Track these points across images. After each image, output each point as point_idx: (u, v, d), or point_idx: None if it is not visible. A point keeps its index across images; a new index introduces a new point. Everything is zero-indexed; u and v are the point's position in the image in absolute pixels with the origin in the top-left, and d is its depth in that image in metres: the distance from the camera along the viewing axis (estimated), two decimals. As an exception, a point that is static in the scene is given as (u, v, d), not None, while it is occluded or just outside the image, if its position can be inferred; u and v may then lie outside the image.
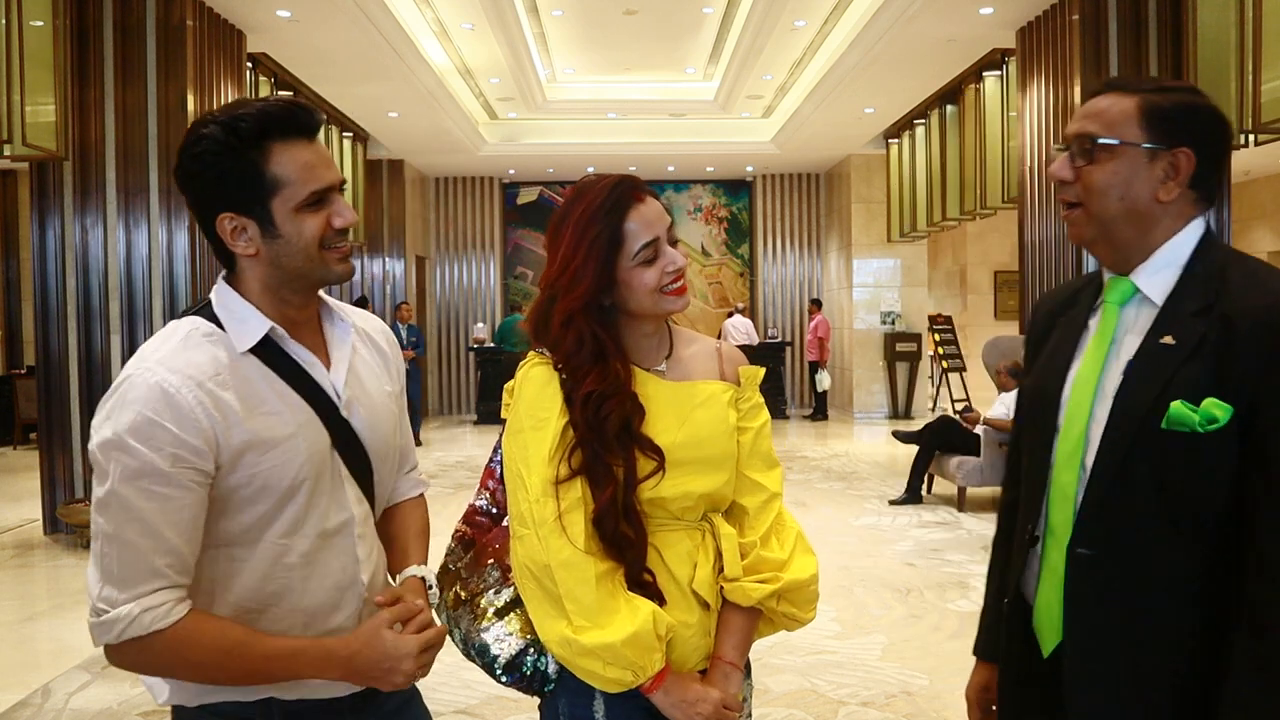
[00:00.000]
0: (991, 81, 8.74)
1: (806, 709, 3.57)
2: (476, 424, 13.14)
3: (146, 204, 6.39)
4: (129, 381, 1.26)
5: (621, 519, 1.43)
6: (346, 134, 10.87)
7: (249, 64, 7.77)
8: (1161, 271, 1.36)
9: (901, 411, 13.20)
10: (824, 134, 11.86)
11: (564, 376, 1.47)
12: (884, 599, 4.97)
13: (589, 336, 1.46)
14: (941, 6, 7.33)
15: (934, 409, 13.11)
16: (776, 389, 13.30)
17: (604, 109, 12.44)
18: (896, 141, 11.70)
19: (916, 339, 13.12)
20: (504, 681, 1.49)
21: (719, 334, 13.06)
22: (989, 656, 1.59)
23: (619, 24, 9.62)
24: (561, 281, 1.47)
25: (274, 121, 1.31)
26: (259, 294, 1.36)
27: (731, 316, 13.42)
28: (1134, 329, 1.37)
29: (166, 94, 6.39)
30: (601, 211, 1.46)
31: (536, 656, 1.46)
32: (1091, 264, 6.74)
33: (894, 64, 8.88)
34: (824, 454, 10.15)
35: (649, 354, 1.55)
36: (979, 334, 12.53)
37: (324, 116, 9.39)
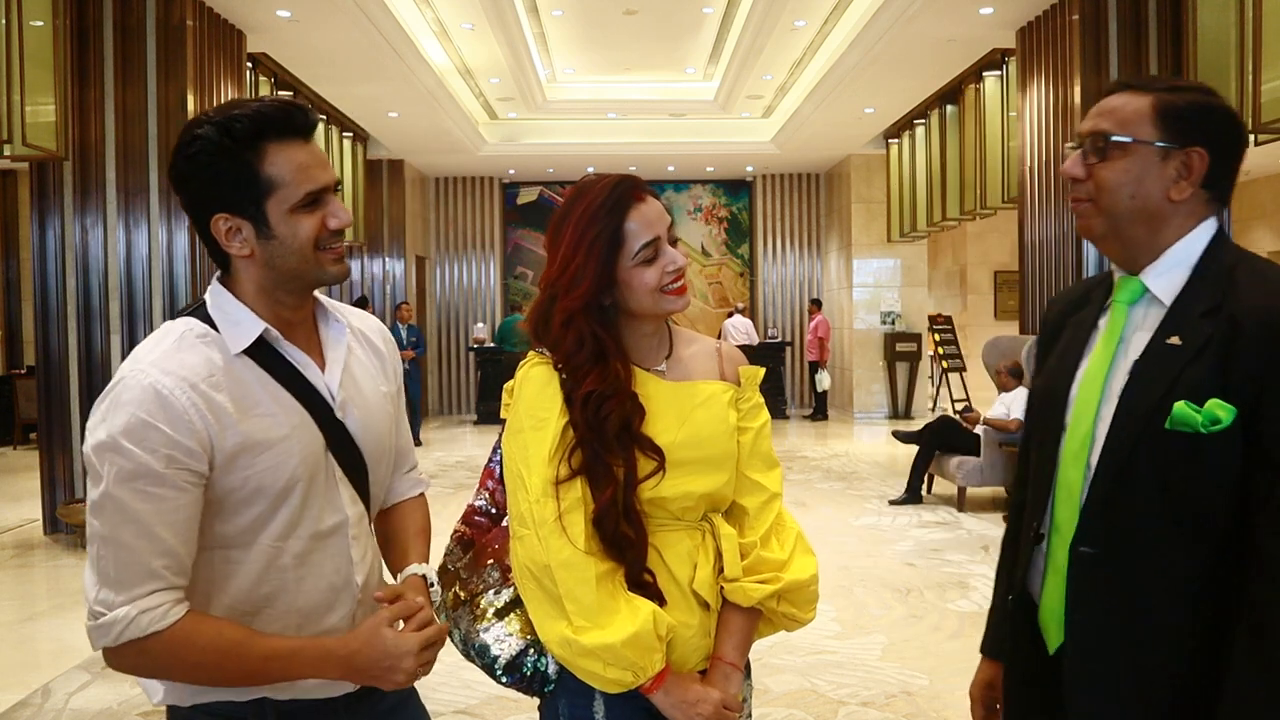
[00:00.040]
0: (991, 81, 8.74)
1: (806, 709, 3.57)
2: (476, 424, 13.14)
3: (146, 204, 6.39)
4: (123, 383, 1.26)
5: (622, 519, 1.42)
6: (346, 134, 10.87)
7: (249, 64, 7.77)
8: (1171, 271, 1.36)
9: (901, 411, 13.20)
10: (824, 134, 11.86)
11: (564, 376, 1.47)
12: (884, 599, 4.97)
13: (589, 336, 1.46)
14: (941, 6, 7.33)
15: (934, 409, 13.11)
16: (776, 389, 13.30)
17: (604, 109, 12.44)
18: (896, 141, 11.70)
19: (916, 339, 13.12)
20: (504, 682, 1.49)
21: (719, 334, 13.06)
22: (995, 654, 1.59)
23: (619, 24, 9.62)
24: (562, 281, 1.47)
25: (269, 122, 1.30)
26: (254, 295, 1.36)
27: (731, 316, 13.42)
28: (1142, 329, 1.37)
29: (166, 94, 6.39)
30: (602, 211, 1.46)
31: (537, 657, 1.46)
32: (1091, 264, 6.73)
33: (894, 64, 8.88)
34: (824, 454, 10.15)
35: (649, 354, 1.55)
36: (979, 334, 12.54)
37: (319, 117, 9.50)
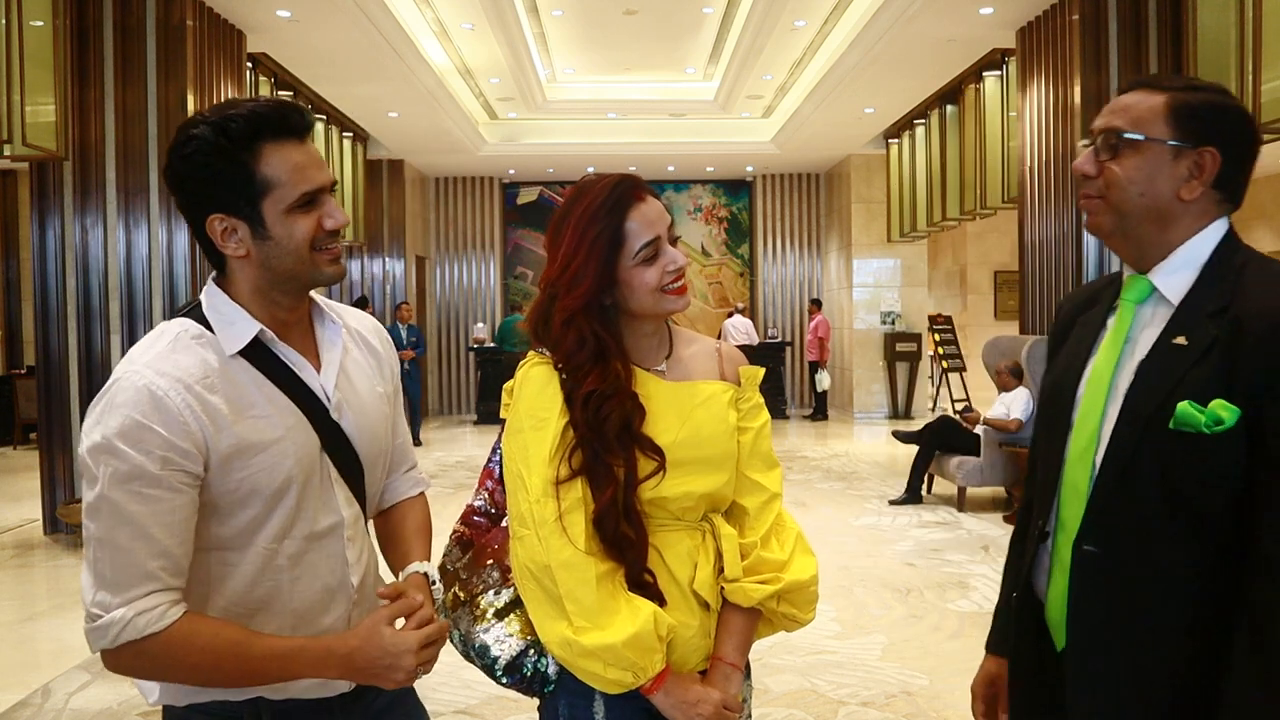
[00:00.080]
0: (991, 81, 8.74)
1: (806, 709, 3.57)
2: (476, 424, 13.14)
3: (146, 204, 6.39)
4: (117, 385, 1.26)
5: (622, 519, 1.42)
6: (346, 134, 10.86)
7: (249, 64, 7.77)
8: (1179, 271, 1.35)
9: (901, 411, 13.20)
10: (824, 134, 11.86)
11: (564, 376, 1.47)
12: (884, 599, 4.97)
13: (590, 336, 1.45)
14: (941, 6, 7.33)
15: (934, 409, 13.11)
16: (776, 389, 13.30)
17: (604, 109, 12.44)
18: (896, 141, 11.70)
19: (916, 339, 13.12)
20: (504, 683, 1.48)
21: (719, 334, 13.06)
22: (998, 650, 1.59)
23: (619, 24, 9.62)
24: (562, 281, 1.47)
25: (265, 122, 1.30)
26: (249, 296, 1.36)
27: (731, 316, 13.42)
28: (1149, 328, 1.37)
29: (166, 94, 6.39)
30: (602, 211, 1.46)
31: (537, 658, 1.46)
32: (1091, 264, 6.73)
33: (894, 64, 8.88)
34: (824, 454, 10.15)
35: (649, 354, 1.55)
36: (979, 334, 12.54)
37: (315, 117, 9.47)
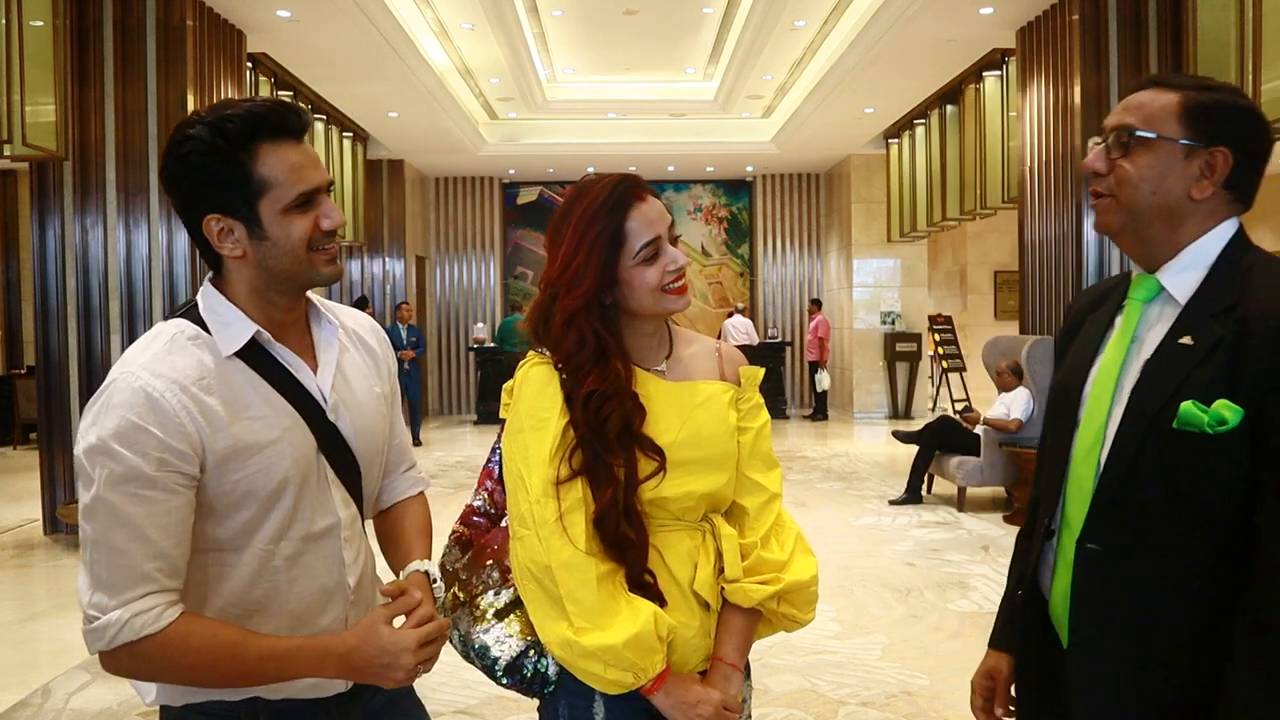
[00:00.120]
0: (991, 81, 8.74)
1: (806, 709, 3.57)
2: (476, 424, 13.13)
3: (146, 204, 6.39)
4: (113, 386, 1.26)
5: (622, 520, 1.42)
6: (346, 134, 10.86)
7: (249, 64, 7.77)
8: (1188, 271, 1.35)
9: (901, 411, 13.19)
10: (824, 134, 11.86)
11: (564, 376, 1.46)
12: (884, 599, 4.97)
13: (590, 336, 1.45)
14: (941, 6, 7.33)
15: (934, 409, 13.11)
16: (776, 389, 13.30)
17: (604, 109, 12.44)
18: (896, 141, 11.70)
19: (916, 339, 13.11)
20: (504, 684, 1.48)
21: (719, 334, 13.06)
22: (1001, 645, 1.60)
23: (619, 24, 9.62)
24: (562, 280, 1.46)
25: (261, 122, 1.30)
26: (245, 296, 1.36)
27: (731, 316, 13.42)
28: (1156, 327, 1.37)
29: (166, 94, 6.39)
30: (603, 210, 1.46)
31: (537, 659, 1.46)
32: (1091, 264, 6.73)
33: (894, 64, 8.87)
34: (824, 454, 10.15)
35: (649, 354, 1.54)
36: (979, 334, 12.54)
37: (311, 117, 9.46)
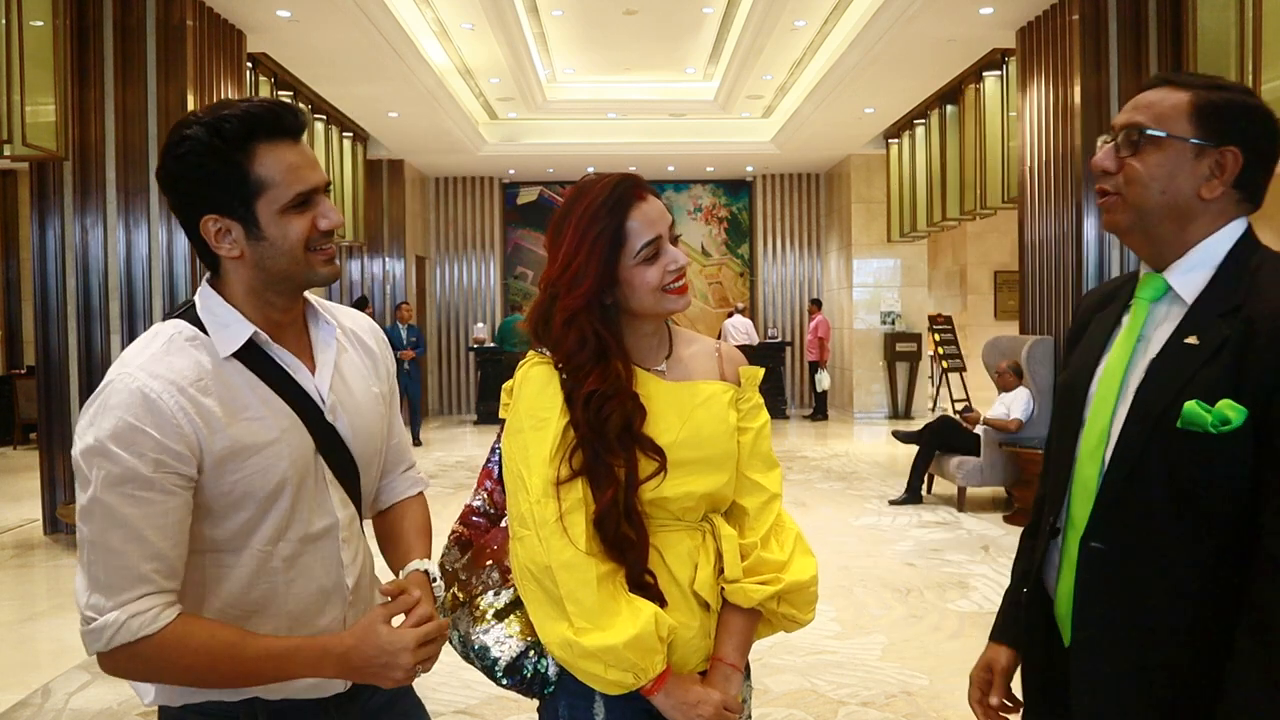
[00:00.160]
0: (991, 81, 8.74)
1: (806, 709, 3.57)
2: (476, 424, 13.13)
3: (146, 204, 6.39)
4: (110, 387, 1.25)
5: (623, 520, 1.42)
6: (346, 134, 10.86)
7: (249, 64, 7.77)
8: (1195, 270, 1.35)
9: (901, 411, 13.19)
10: (824, 134, 11.86)
11: (564, 376, 1.46)
12: (884, 599, 4.97)
13: (591, 335, 1.45)
14: (941, 6, 7.33)
15: (934, 409, 13.10)
16: (776, 389, 13.30)
17: (604, 109, 12.43)
18: (896, 141, 11.70)
19: (916, 339, 13.11)
20: (504, 684, 1.48)
21: (719, 334, 13.06)
22: (1001, 639, 1.60)
23: (619, 24, 9.62)
24: (563, 280, 1.46)
25: (259, 122, 1.29)
26: (243, 297, 1.35)
27: (731, 316, 13.42)
28: (1163, 326, 1.36)
29: (166, 94, 6.39)
30: (604, 210, 1.46)
31: (537, 659, 1.46)
32: (1091, 264, 6.73)
33: (894, 64, 8.87)
34: (824, 454, 10.14)
35: (649, 354, 1.54)
36: (979, 334, 12.53)
37: (308, 117, 9.42)
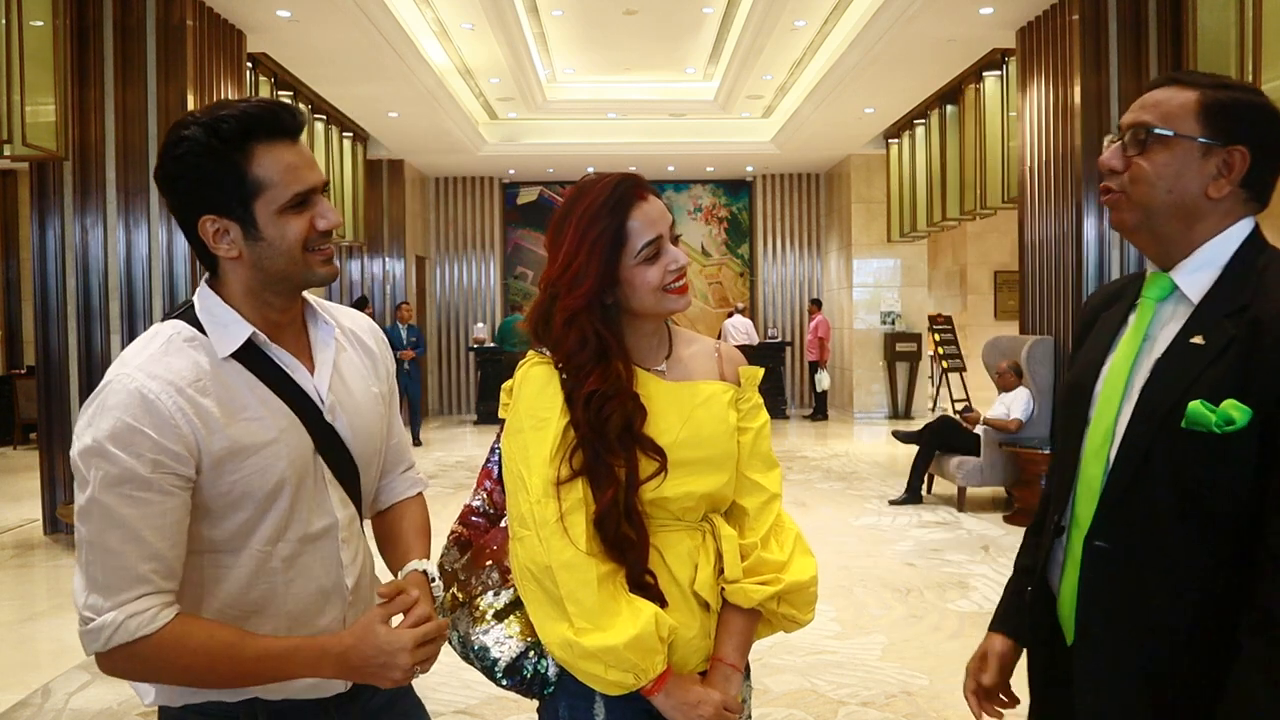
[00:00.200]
0: (991, 81, 8.73)
1: (806, 709, 3.57)
2: (476, 424, 13.13)
3: (146, 204, 6.39)
4: (109, 388, 1.26)
5: (623, 520, 1.42)
6: (346, 134, 10.86)
7: (249, 64, 7.77)
8: (1202, 270, 1.35)
9: (901, 411, 13.19)
10: (824, 134, 11.86)
11: (564, 376, 1.46)
12: (884, 599, 4.97)
13: (592, 335, 1.45)
14: (941, 6, 7.33)
15: (934, 409, 13.10)
16: (776, 389, 13.29)
17: (604, 109, 12.43)
18: (896, 141, 11.69)
19: (916, 339, 13.11)
20: (504, 685, 1.48)
21: (719, 334, 13.06)
22: (998, 628, 1.61)
23: (619, 24, 9.62)
24: (563, 280, 1.46)
25: (256, 123, 1.29)
26: (241, 297, 1.36)
27: (731, 316, 13.41)
28: (1169, 326, 1.36)
29: (166, 94, 6.39)
30: (604, 209, 1.46)
31: (537, 660, 1.46)
32: (1091, 265, 6.73)
33: (894, 64, 8.87)
34: (824, 454, 10.14)
35: (649, 354, 1.54)
36: (979, 334, 12.53)
37: (310, 117, 9.42)
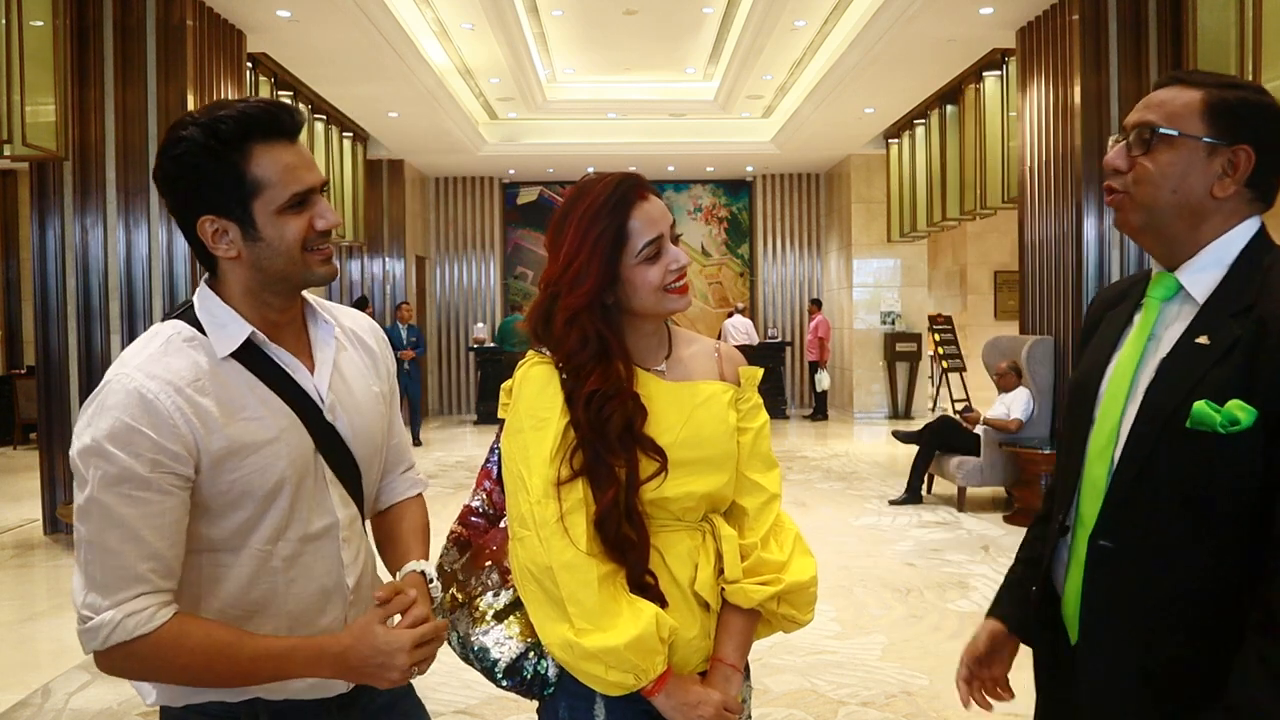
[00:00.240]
0: (991, 81, 8.73)
1: (806, 709, 3.57)
2: (476, 424, 13.13)
3: (146, 204, 6.39)
4: (108, 388, 1.26)
5: (624, 521, 1.42)
6: (346, 134, 10.86)
7: (249, 64, 7.77)
8: (1207, 270, 1.34)
9: (901, 411, 13.19)
10: (824, 134, 11.85)
11: (564, 376, 1.46)
12: (884, 599, 4.97)
13: (593, 335, 1.45)
14: (941, 6, 7.33)
15: (934, 409, 13.10)
16: (776, 389, 13.29)
17: (604, 109, 12.43)
18: (896, 141, 11.69)
19: (916, 339, 13.11)
20: (504, 685, 1.48)
21: (719, 334, 13.06)
22: (993, 613, 1.61)
23: (619, 24, 9.62)
24: (564, 279, 1.46)
25: (255, 123, 1.30)
26: (240, 297, 1.36)
27: (731, 316, 13.41)
28: (1174, 326, 1.36)
29: (166, 94, 6.39)
30: (605, 209, 1.45)
31: (537, 660, 1.46)
32: (1091, 265, 6.73)
33: (894, 64, 8.87)
34: (824, 454, 10.14)
35: (649, 354, 1.54)
36: (979, 334, 12.52)
37: (308, 116, 9.42)
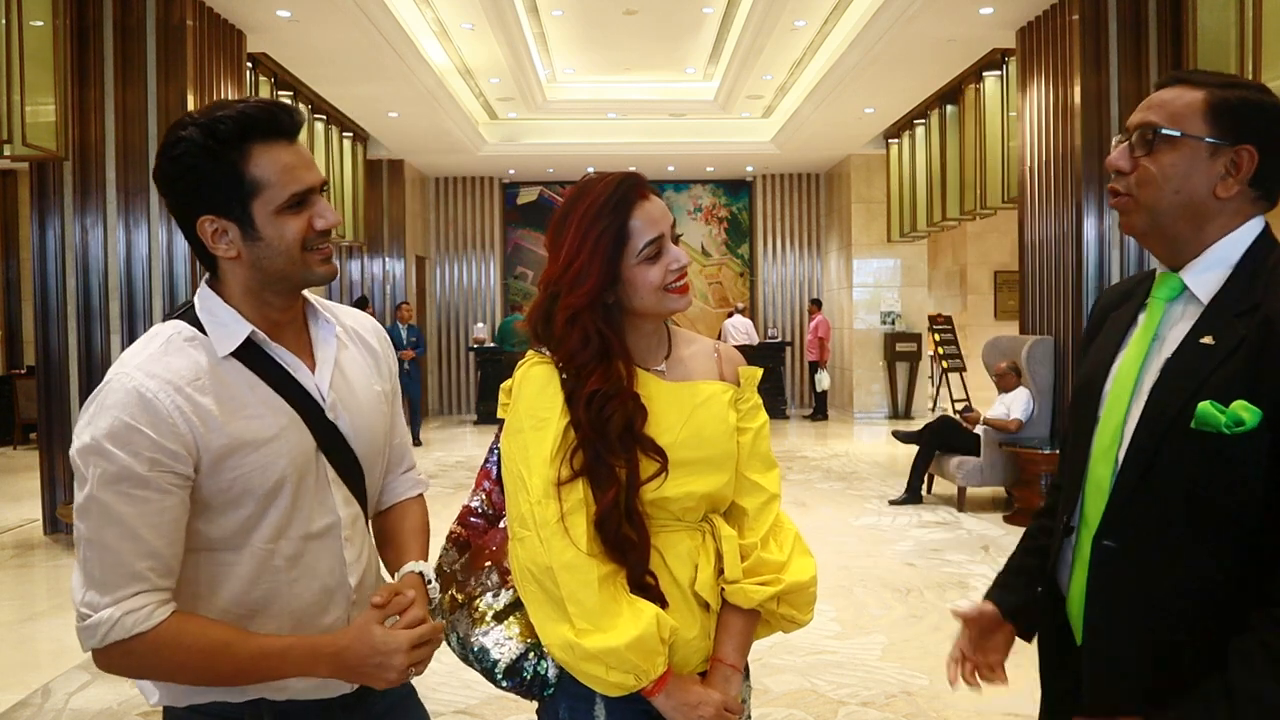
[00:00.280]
0: (991, 81, 8.73)
1: (806, 709, 3.57)
2: (476, 424, 13.13)
3: (146, 204, 6.39)
4: (108, 387, 1.27)
5: (624, 521, 1.42)
6: (346, 134, 10.86)
7: (249, 64, 7.77)
8: (1212, 270, 1.34)
9: (901, 411, 13.19)
10: (824, 134, 11.86)
11: (564, 376, 1.46)
12: (884, 599, 4.97)
13: (594, 335, 1.45)
14: (941, 6, 7.33)
15: (934, 409, 13.10)
16: (776, 389, 13.30)
17: (604, 109, 12.44)
18: (896, 141, 11.69)
19: (916, 339, 13.12)
20: (504, 686, 1.48)
21: (719, 334, 13.07)
22: (988, 597, 1.61)
23: (619, 24, 9.62)
24: (565, 279, 1.46)
25: (254, 123, 1.30)
26: (240, 297, 1.36)
27: (731, 316, 13.42)
28: (1178, 326, 1.36)
29: (166, 94, 6.39)
30: (606, 208, 1.45)
31: (536, 661, 1.46)
32: (1091, 265, 6.73)
33: (894, 64, 8.87)
34: (824, 454, 10.14)
35: (649, 354, 1.54)
36: (979, 334, 12.53)
37: (307, 116, 9.42)
